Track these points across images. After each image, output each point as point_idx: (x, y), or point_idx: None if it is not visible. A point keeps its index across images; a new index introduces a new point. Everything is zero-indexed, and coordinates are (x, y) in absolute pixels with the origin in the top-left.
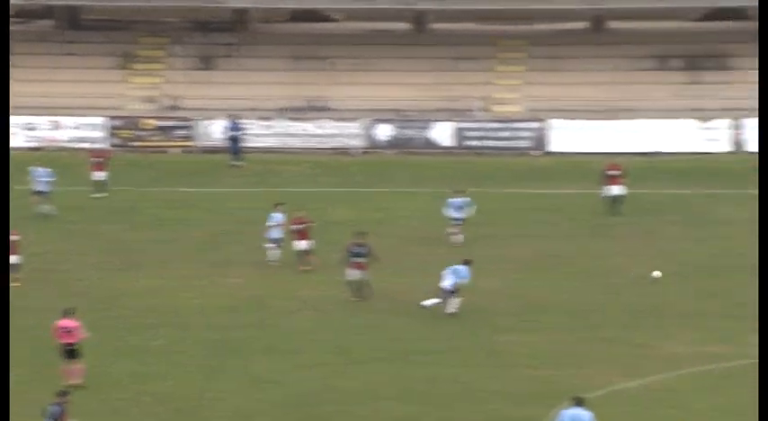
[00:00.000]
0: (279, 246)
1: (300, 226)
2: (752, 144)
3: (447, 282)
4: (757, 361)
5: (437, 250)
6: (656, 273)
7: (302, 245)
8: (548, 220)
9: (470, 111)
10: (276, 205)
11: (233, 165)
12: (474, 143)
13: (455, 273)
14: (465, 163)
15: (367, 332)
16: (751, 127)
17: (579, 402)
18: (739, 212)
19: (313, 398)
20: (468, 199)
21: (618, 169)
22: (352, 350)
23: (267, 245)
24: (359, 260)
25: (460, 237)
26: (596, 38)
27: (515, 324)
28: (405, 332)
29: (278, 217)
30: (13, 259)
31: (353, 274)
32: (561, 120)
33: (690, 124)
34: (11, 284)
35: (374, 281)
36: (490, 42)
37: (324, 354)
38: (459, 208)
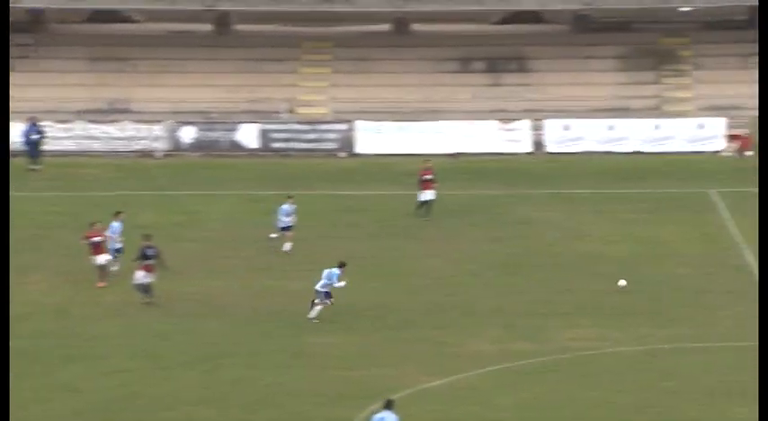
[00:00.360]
0: (116, 258)
1: (97, 239)
2: (551, 145)
3: (320, 284)
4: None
5: (243, 253)
6: (622, 282)
7: (100, 259)
8: (355, 222)
9: (277, 113)
10: (116, 214)
11: (31, 169)
12: (280, 145)
13: (329, 277)
14: (271, 165)
15: (174, 337)
16: (550, 128)
17: (388, 404)
18: (539, 212)
19: (116, 405)
20: (295, 206)
21: (431, 174)
22: (159, 355)
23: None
24: (148, 263)
25: (288, 245)
26: (400, 40)
27: (322, 325)
28: (212, 336)
29: (116, 227)
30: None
31: (140, 277)
32: (367, 122)
33: (491, 125)
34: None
35: (180, 285)
36: (295, 44)
37: (129, 361)
38: (289, 214)
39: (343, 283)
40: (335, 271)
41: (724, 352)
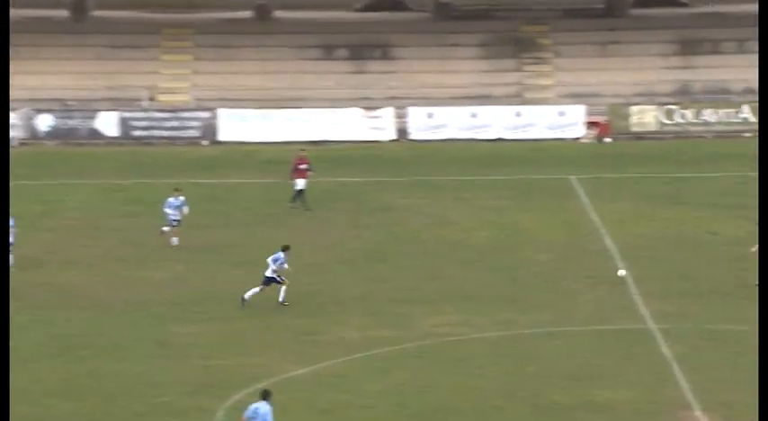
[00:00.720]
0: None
1: None
2: (415, 132)
3: (268, 270)
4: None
5: (103, 242)
6: (622, 272)
7: None
8: (219, 210)
9: (137, 100)
10: None
11: None
12: (141, 133)
13: (274, 260)
14: (132, 153)
15: (33, 328)
16: (414, 115)
17: (265, 395)
18: (403, 199)
19: None
20: (184, 198)
21: (306, 163)
22: (16, 347)
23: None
24: None
25: (175, 239)
26: (262, 27)
27: (184, 314)
28: (71, 327)
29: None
30: None
31: None
32: (230, 110)
33: (355, 113)
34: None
35: (38, 275)
36: (155, 31)
37: None
38: (177, 207)
39: (286, 266)
40: (279, 254)
41: (584, 336)
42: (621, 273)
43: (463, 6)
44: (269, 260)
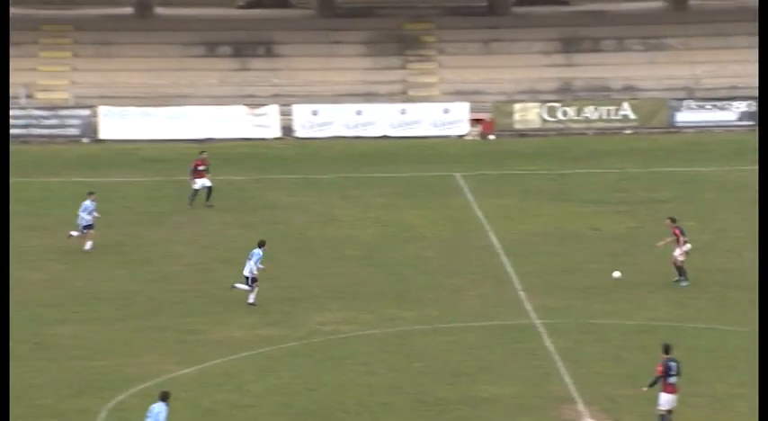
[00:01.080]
0: None
1: None
2: (300, 130)
3: (246, 269)
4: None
5: None
6: (617, 274)
7: None
8: (100, 209)
9: (15, 98)
10: None
11: None
12: (18, 131)
13: (251, 257)
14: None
15: None
16: (298, 113)
17: (163, 396)
18: (288, 197)
19: None
20: (96, 202)
21: (205, 164)
22: None
23: None
24: None
25: (89, 244)
26: (143, 24)
27: (64, 315)
28: None
29: None
30: None
31: None
32: (111, 108)
33: (239, 111)
34: None
35: None
36: (33, 27)
37: None
38: (91, 212)
39: (261, 266)
40: (255, 251)
41: (470, 332)
42: (617, 274)
43: (347, 4)
44: (248, 259)
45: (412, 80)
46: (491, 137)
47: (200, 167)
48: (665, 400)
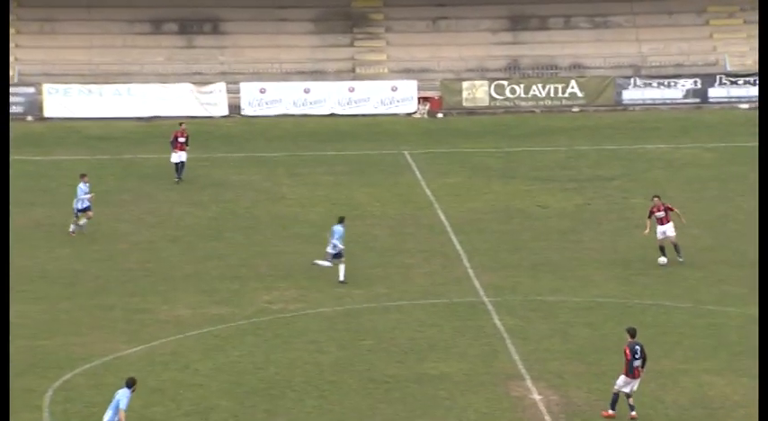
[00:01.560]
0: None
1: None
2: (247, 108)
3: (329, 246)
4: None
5: None
6: (662, 260)
7: None
8: (44, 187)
9: None
10: None
11: None
12: None
13: (332, 234)
14: None
15: None
16: (246, 91)
17: (129, 383)
18: (236, 175)
19: None
20: (90, 184)
21: (184, 135)
22: None
23: None
24: None
25: (72, 227)
26: (88, 1)
27: (11, 294)
28: None
29: None
30: None
31: None
32: (55, 85)
33: (186, 88)
34: None
35: None
36: None
37: None
38: (86, 193)
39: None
40: (336, 227)
41: (419, 309)
42: (662, 261)
43: None
44: (330, 236)
45: (360, 58)
46: (439, 115)
47: (180, 139)
48: (623, 381)
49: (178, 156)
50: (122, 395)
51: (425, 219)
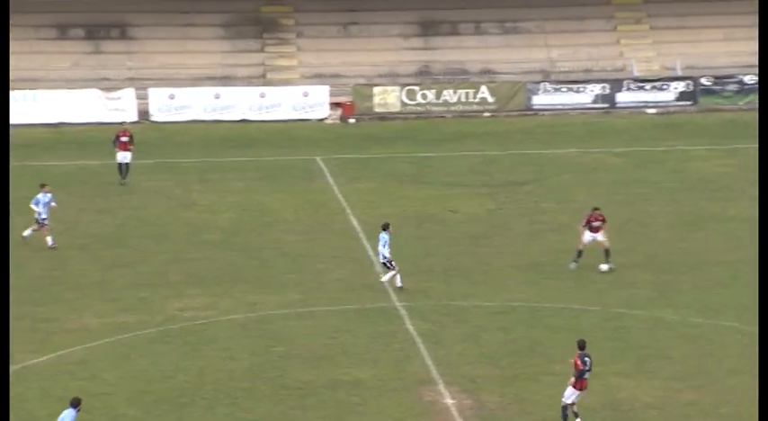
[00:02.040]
0: None
1: None
2: (157, 114)
3: (380, 256)
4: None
5: None
6: (604, 267)
7: None
8: None
9: None
10: None
11: None
12: None
13: (380, 242)
14: None
15: None
16: (155, 97)
17: (74, 403)
18: (146, 182)
19: None
20: (51, 194)
21: (127, 134)
22: None
23: None
24: None
25: (49, 239)
26: None
27: None
28: None
29: None
30: None
31: None
32: None
33: (93, 94)
34: None
35: None
36: None
37: None
38: (46, 204)
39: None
40: (382, 235)
41: (331, 315)
42: (603, 268)
43: None
44: (381, 241)
45: (271, 63)
46: (351, 120)
47: (123, 138)
48: (571, 394)
49: (122, 157)
50: (67, 416)
51: (338, 224)
